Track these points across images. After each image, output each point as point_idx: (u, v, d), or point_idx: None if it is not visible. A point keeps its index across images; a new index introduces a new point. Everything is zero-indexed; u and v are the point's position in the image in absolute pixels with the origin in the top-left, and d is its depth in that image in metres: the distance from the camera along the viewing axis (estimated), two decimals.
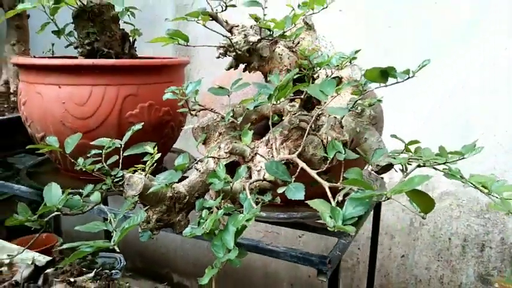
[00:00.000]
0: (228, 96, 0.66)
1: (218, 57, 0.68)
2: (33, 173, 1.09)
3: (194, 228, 0.53)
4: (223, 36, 0.64)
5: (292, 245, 1.63)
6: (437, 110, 1.38)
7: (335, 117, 0.63)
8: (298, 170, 0.53)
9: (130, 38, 1.09)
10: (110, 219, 0.54)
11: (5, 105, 1.25)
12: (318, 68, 0.76)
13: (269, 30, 0.66)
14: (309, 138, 0.62)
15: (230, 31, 0.72)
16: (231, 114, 0.62)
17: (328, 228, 0.44)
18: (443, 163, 0.60)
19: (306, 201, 0.46)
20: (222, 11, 0.70)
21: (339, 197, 0.47)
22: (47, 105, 0.93)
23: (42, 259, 0.65)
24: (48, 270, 0.65)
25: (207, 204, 0.57)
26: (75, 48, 1.02)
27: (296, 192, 0.47)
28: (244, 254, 0.54)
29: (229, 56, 0.68)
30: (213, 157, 0.65)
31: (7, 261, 0.66)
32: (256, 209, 0.51)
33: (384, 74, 0.56)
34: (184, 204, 0.66)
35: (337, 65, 0.75)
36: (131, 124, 0.78)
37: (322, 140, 0.62)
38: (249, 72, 0.73)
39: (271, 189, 0.58)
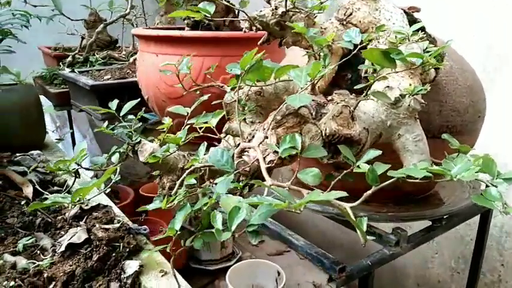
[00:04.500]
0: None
1: (244, 31, 0.65)
2: (149, 130, 1.26)
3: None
4: (232, 8, 0.60)
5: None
6: None
7: (345, 106, 0.53)
8: (253, 161, 0.48)
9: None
10: None
11: None
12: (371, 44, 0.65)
13: (292, 2, 0.58)
14: (306, 127, 0.54)
15: (268, 2, 0.67)
16: (231, 94, 0.59)
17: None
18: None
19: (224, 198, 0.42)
20: None
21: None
22: (148, 71, 1.05)
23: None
24: (94, 214, 0.76)
25: (188, 182, 0.57)
26: (183, 20, 1.11)
27: (221, 186, 0.43)
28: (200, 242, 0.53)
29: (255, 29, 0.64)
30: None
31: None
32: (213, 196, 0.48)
33: (387, 56, 0.45)
34: (201, 176, 0.67)
35: (393, 42, 0.62)
36: (213, 93, 0.81)
37: (321, 131, 0.53)
38: (287, 47, 0.67)
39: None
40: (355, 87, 0.53)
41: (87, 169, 0.65)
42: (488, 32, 1.20)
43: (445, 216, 0.76)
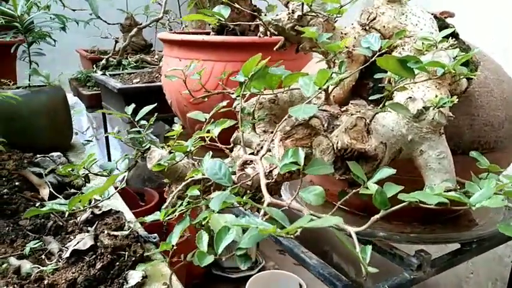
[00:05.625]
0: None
1: (259, 36, 0.62)
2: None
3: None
4: (251, 12, 0.57)
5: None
6: None
7: (359, 118, 0.48)
8: (254, 175, 0.44)
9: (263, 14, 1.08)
10: None
11: None
12: (397, 51, 0.60)
13: (308, 5, 0.55)
14: (317, 140, 0.50)
15: (286, 6, 0.63)
16: (238, 102, 0.56)
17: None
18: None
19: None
20: None
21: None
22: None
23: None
24: (106, 219, 0.75)
25: (191, 193, 0.54)
26: (209, 24, 1.09)
27: (215, 202, 0.40)
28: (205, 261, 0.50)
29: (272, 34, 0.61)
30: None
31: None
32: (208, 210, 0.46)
33: (404, 65, 0.40)
34: (208, 186, 0.64)
35: (419, 50, 0.57)
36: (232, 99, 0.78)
37: (332, 145, 0.49)
38: (305, 53, 0.64)
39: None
40: (369, 98, 0.49)
41: (96, 174, 0.64)
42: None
43: (474, 240, 0.69)
